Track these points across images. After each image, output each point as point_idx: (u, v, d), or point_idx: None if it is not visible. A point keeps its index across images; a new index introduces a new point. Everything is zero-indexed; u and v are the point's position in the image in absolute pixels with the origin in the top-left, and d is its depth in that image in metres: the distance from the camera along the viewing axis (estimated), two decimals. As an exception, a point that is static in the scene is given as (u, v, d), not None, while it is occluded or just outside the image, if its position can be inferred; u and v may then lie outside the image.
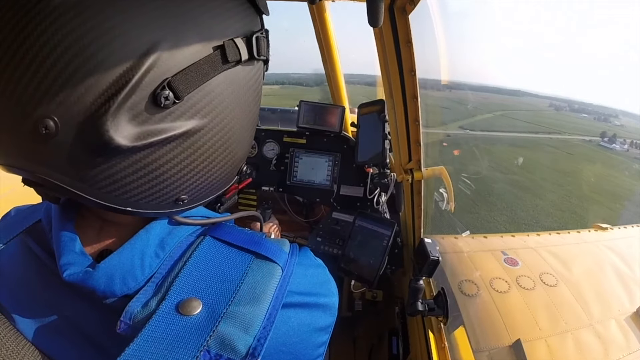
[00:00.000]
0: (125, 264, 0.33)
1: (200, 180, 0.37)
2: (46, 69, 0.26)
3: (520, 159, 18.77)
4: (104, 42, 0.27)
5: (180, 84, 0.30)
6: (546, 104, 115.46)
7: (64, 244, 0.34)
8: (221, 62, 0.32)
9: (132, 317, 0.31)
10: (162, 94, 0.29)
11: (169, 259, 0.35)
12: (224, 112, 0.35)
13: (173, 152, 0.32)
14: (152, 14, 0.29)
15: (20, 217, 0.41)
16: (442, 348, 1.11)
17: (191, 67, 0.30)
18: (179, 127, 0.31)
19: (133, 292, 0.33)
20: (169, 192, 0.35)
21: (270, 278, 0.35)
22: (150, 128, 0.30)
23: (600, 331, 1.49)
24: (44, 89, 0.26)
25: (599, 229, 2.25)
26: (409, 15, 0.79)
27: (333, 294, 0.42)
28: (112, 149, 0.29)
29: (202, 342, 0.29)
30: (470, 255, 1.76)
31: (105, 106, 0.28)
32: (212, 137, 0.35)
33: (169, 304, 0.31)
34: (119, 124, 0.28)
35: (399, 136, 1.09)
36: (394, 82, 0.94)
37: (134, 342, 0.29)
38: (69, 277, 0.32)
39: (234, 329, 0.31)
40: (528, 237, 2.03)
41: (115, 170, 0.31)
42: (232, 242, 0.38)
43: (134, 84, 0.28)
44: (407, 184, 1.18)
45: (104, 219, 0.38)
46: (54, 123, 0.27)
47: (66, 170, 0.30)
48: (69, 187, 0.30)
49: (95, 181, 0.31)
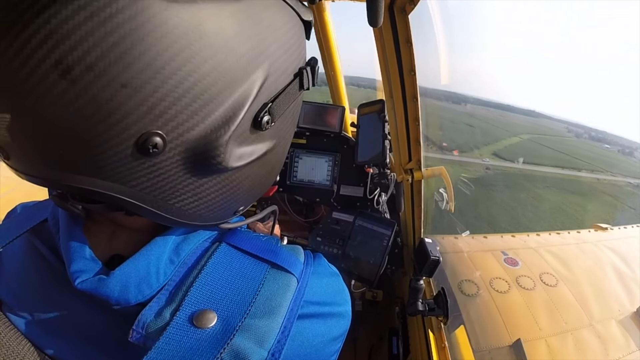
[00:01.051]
0: (141, 272, 0.32)
1: (258, 191, 0.39)
2: (168, 84, 0.25)
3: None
4: (223, 66, 0.27)
5: (275, 109, 0.32)
6: (563, 127, 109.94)
7: (74, 249, 0.33)
8: (298, 88, 0.35)
9: (144, 326, 0.30)
10: (264, 118, 0.31)
11: (183, 265, 0.35)
12: (288, 132, 0.38)
13: (251, 170, 0.34)
14: (259, 39, 0.29)
15: (26, 215, 0.40)
16: (442, 348, 1.11)
17: (282, 92, 0.32)
18: (262, 148, 0.33)
19: (147, 300, 0.32)
20: (235, 204, 0.36)
21: (286, 290, 0.35)
22: (246, 149, 0.31)
23: (600, 331, 1.49)
24: (159, 104, 0.25)
25: (599, 229, 2.25)
26: (408, 15, 0.79)
27: (347, 302, 0.42)
28: (215, 170, 0.30)
29: (216, 354, 0.29)
30: (471, 255, 1.76)
31: (221, 130, 0.28)
32: (277, 155, 0.37)
33: (183, 315, 0.30)
34: (229, 147, 0.29)
35: (398, 136, 1.09)
36: (394, 82, 0.94)
37: (147, 355, 0.28)
38: (81, 285, 0.31)
39: (249, 342, 0.30)
40: (528, 237, 2.03)
41: (204, 188, 0.31)
42: (247, 250, 0.37)
43: (247, 109, 0.29)
44: (407, 184, 1.18)
45: (117, 223, 0.37)
46: (162, 141, 0.26)
47: (151, 190, 0.28)
48: (145, 206, 0.29)
49: (180, 200, 0.30)
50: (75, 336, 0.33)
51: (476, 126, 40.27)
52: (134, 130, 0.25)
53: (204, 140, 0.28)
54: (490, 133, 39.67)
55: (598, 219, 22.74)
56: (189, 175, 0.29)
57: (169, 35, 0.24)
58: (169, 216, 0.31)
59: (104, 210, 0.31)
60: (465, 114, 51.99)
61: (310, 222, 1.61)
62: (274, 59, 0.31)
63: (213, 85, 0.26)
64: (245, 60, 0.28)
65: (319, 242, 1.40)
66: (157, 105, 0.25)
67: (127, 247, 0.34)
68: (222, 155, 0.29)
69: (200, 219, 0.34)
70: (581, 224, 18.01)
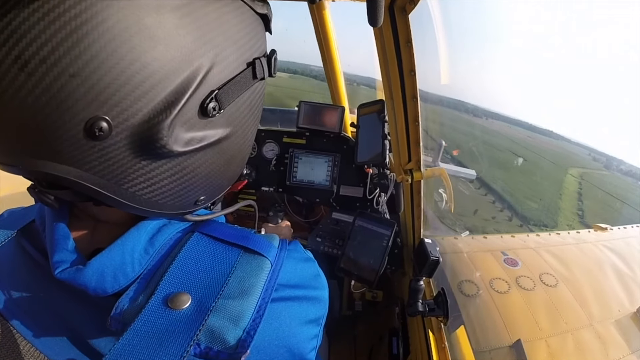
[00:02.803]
0: (116, 261, 0.33)
1: (219, 182, 0.40)
2: (112, 73, 0.27)
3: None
4: (165, 55, 0.29)
5: (223, 96, 0.33)
6: (586, 154, 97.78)
7: (57, 242, 0.34)
8: (251, 77, 0.36)
9: (122, 312, 0.31)
10: (210, 104, 0.32)
11: (158, 255, 0.36)
12: (245, 121, 0.38)
13: (205, 157, 0.35)
14: (202, 31, 0.31)
15: (13, 219, 0.42)
16: (442, 348, 1.11)
17: (231, 81, 0.34)
18: (214, 134, 0.34)
19: (123, 289, 0.33)
20: (193, 193, 0.37)
21: (260, 272, 0.36)
22: (195, 135, 0.33)
23: (600, 331, 1.49)
24: (104, 91, 0.27)
25: (598, 229, 2.25)
26: (409, 15, 0.79)
27: (323, 287, 0.43)
28: (162, 154, 0.31)
29: (192, 335, 0.30)
30: (470, 256, 1.76)
31: (163, 114, 0.30)
32: (235, 143, 0.38)
33: (157, 299, 0.32)
34: (174, 131, 0.31)
35: (398, 136, 1.09)
36: (394, 82, 0.94)
37: (123, 337, 0.29)
38: (60, 274, 0.32)
39: (224, 321, 0.31)
40: (528, 237, 2.03)
41: (156, 173, 0.32)
42: (220, 237, 0.38)
43: (190, 95, 0.30)
44: (406, 184, 1.17)
45: (97, 219, 0.39)
46: (108, 125, 0.28)
47: (105, 174, 0.30)
48: (102, 190, 0.31)
49: (133, 184, 0.32)
50: (67, 333, 0.34)
51: (517, 152, 35.25)
52: (82, 115, 0.27)
53: (147, 125, 0.29)
54: (542, 168, 35.89)
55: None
56: (137, 159, 0.30)
57: (111, 29, 0.26)
58: (126, 201, 0.32)
59: (71, 199, 0.33)
60: (490, 132, 46.38)
61: (310, 222, 1.60)
62: (221, 49, 0.33)
63: (154, 74, 0.28)
64: (186, 50, 0.30)
65: (318, 242, 1.40)
66: (103, 92, 0.27)
67: (107, 240, 0.35)
68: (165, 139, 0.30)
69: (159, 206, 0.35)
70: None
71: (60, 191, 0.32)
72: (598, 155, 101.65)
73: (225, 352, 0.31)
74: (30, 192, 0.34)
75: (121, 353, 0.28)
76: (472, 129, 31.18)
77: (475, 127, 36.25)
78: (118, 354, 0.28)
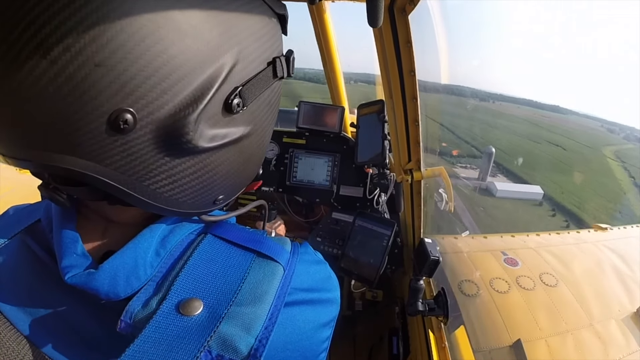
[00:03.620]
0: (129, 264, 0.33)
1: (238, 180, 0.40)
2: (138, 64, 0.26)
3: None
4: (192, 49, 0.28)
5: (246, 93, 0.33)
6: (599, 126, 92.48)
7: (66, 245, 0.33)
8: (272, 76, 0.37)
9: (132, 316, 0.31)
10: (235, 101, 0.32)
11: (170, 257, 0.35)
12: (265, 119, 0.39)
13: (226, 155, 0.35)
14: (227, 26, 0.31)
15: (18, 216, 0.41)
16: (442, 348, 1.11)
17: (254, 78, 0.34)
18: (236, 132, 0.34)
19: (134, 292, 0.33)
20: (213, 192, 0.37)
21: (272, 277, 0.35)
22: (219, 132, 0.32)
23: (600, 331, 1.49)
24: (130, 83, 0.26)
25: (598, 229, 2.25)
26: (408, 16, 0.79)
27: (335, 288, 0.43)
28: (186, 150, 0.31)
29: (203, 342, 0.29)
30: (470, 255, 1.76)
31: (189, 108, 0.29)
32: (254, 142, 0.38)
33: (169, 304, 0.31)
34: (199, 126, 0.30)
35: (398, 136, 1.09)
36: (394, 82, 0.94)
37: (134, 343, 0.29)
38: (70, 279, 0.31)
39: (236, 329, 0.31)
40: (528, 237, 2.03)
41: (178, 170, 0.32)
42: (233, 241, 0.38)
43: (215, 90, 0.30)
44: (406, 184, 1.18)
45: (108, 219, 0.38)
46: (133, 118, 0.27)
47: (126, 169, 0.29)
48: (123, 187, 0.30)
49: (155, 181, 0.31)
50: (71, 334, 0.33)
51: (552, 140, 31.52)
52: (106, 107, 0.26)
53: (173, 118, 0.29)
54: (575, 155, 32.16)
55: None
56: (161, 155, 0.30)
57: (139, 19, 0.26)
58: (146, 199, 0.32)
59: (86, 196, 0.32)
60: (508, 117, 43.67)
61: (310, 222, 1.61)
62: (244, 46, 0.33)
63: (181, 66, 0.28)
64: (213, 44, 0.30)
65: (318, 242, 1.40)
66: (128, 84, 0.26)
67: (119, 242, 0.35)
68: (190, 134, 0.30)
69: (177, 205, 0.35)
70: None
71: (76, 188, 0.31)
72: (611, 126, 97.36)
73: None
74: (42, 190, 0.33)
75: (132, 359, 0.28)
76: (491, 117, 29.44)
77: (491, 114, 34.34)
78: (129, 359, 0.28)
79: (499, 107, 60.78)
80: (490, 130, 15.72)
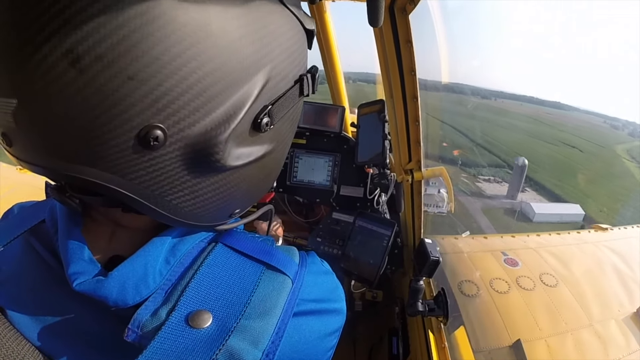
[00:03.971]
0: (139, 272, 0.32)
1: (255, 195, 0.39)
2: (173, 80, 0.25)
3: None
4: (227, 66, 0.28)
5: (275, 112, 0.33)
6: (602, 122, 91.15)
7: (72, 251, 0.33)
8: (298, 94, 0.36)
9: (140, 325, 0.30)
10: (264, 120, 0.31)
11: (180, 265, 0.35)
12: (286, 137, 0.38)
13: (248, 172, 0.34)
14: (262, 43, 0.30)
15: (23, 216, 0.40)
16: (442, 348, 1.11)
17: (282, 97, 0.33)
18: (260, 150, 0.34)
19: (143, 300, 0.32)
20: (231, 206, 0.37)
21: (281, 291, 0.35)
22: (245, 150, 0.32)
23: (600, 331, 1.49)
24: (163, 98, 0.25)
25: (599, 229, 2.25)
26: (409, 15, 0.79)
27: (342, 298, 0.43)
28: (214, 169, 0.30)
29: (211, 355, 0.29)
30: (470, 256, 1.76)
31: (221, 127, 0.29)
32: (275, 158, 0.38)
33: (178, 316, 0.31)
34: (228, 146, 0.30)
35: (398, 136, 1.09)
36: (394, 82, 0.94)
37: (143, 354, 0.28)
38: (79, 286, 0.31)
39: (244, 343, 0.30)
40: (528, 238, 2.03)
41: (202, 186, 0.31)
42: (243, 251, 0.37)
43: (247, 109, 0.30)
44: (407, 184, 1.18)
45: (118, 223, 0.37)
46: (163, 135, 0.26)
47: (149, 184, 0.28)
48: (143, 201, 0.29)
49: (177, 197, 0.30)
50: (74, 338, 0.33)
51: (567, 141, 28.96)
52: (136, 122, 0.25)
53: (203, 137, 0.28)
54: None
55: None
56: (187, 172, 0.29)
57: (177, 32, 0.25)
58: (166, 213, 0.31)
59: (101, 205, 0.32)
60: (515, 116, 41.59)
61: (310, 222, 1.60)
62: (276, 64, 0.32)
63: (216, 83, 0.27)
64: (248, 62, 0.29)
65: (318, 242, 1.40)
66: (161, 99, 0.25)
67: (127, 248, 0.34)
68: (220, 153, 0.29)
69: (196, 219, 0.34)
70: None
71: (92, 197, 0.30)
72: (613, 122, 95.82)
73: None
74: (53, 193, 0.32)
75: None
76: (496, 115, 28.00)
77: (496, 112, 32.90)
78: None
79: (501, 104, 59.42)
80: (499, 130, 14.59)
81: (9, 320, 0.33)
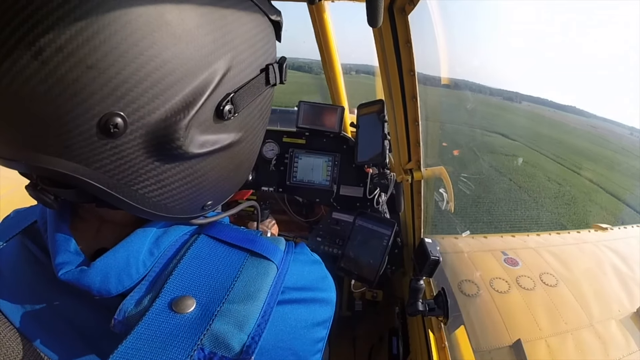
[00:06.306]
0: (121, 262, 0.33)
1: (227, 187, 0.40)
2: (131, 68, 0.26)
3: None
4: (185, 54, 0.28)
5: (238, 100, 0.33)
6: (618, 130, 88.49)
7: (59, 243, 0.34)
8: (264, 83, 0.37)
9: (125, 314, 0.31)
10: (226, 107, 0.32)
11: (163, 257, 0.36)
12: (256, 127, 0.39)
13: (216, 161, 0.35)
14: (222, 32, 0.31)
15: (18, 219, 0.42)
16: (442, 348, 1.11)
17: (246, 85, 0.34)
18: (226, 138, 0.34)
19: (128, 291, 0.33)
20: (202, 197, 0.37)
21: (265, 276, 0.35)
22: (209, 138, 0.33)
23: (600, 331, 1.49)
24: (122, 86, 0.26)
25: (599, 229, 2.25)
26: (408, 16, 0.79)
27: (331, 289, 0.43)
28: (176, 155, 0.31)
29: (195, 340, 0.30)
30: (471, 255, 1.76)
31: (181, 114, 0.29)
32: (245, 148, 0.38)
33: (162, 302, 0.31)
34: (190, 132, 0.30)
35: (398, 136, 1.09)
36: (394, 82, 0.94)
37: (126, 340, 0.29)
38: (63, 275, 0.32)
39: (228, 326, 0.31)
40: (528, 237, 2.03)
41: (167, 175, 0.32)
42: (226, 240, 0.38)
43: (207, 96, 0.30)
44: (406, 184, 1.18)
45: (103, 219, 0.38)
46: (123, 122, 0.27)
47: (115, 173, 0.29)
48: (111, 191, 0.30)
49: (143, 186, 0.31)
50: (70, 334, 0.33)
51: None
52: (97, 110, 0.26)
53: (164, 124, 0.29)
54: None
55: None
56: (151, 160, 0.30)
57: (133, 22, 0.26)
58: (134, 204, 0.32)
59: (75, 199, 0.32)
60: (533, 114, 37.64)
61: (310, 222, 1.61)
62: (237, 52, 0.33)
63: (173, 71, 0.28)
64: (206, 50, 0.30)
65: (318, 242, 1.41)
66: (120, 87, 0.26)
67: (111, 240, 0.35)
68: (181, 139, 0.30)
69: (167, 210, 0.35)
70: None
71: (64, 190, 0.31)
72: (626, 130, 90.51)
73: (229, 357, 0.30)
74: (29, 191, 0.32)
75: (124, 356, 0.28)
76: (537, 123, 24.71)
77: (528, 117, 29.50)
78: (120, 357, 0.28)
79: (521, 106, 55.16)
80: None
81: (8, 319, 0.33)
